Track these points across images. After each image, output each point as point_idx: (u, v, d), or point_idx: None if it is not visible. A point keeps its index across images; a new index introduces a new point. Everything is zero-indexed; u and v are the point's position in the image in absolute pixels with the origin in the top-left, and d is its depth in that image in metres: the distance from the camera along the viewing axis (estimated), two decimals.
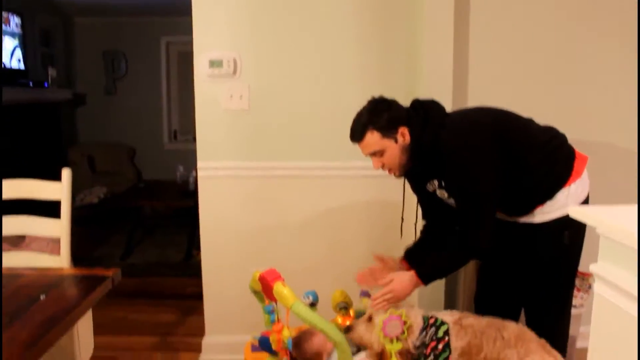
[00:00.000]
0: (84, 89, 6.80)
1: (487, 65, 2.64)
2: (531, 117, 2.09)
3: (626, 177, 2.63)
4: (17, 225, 2.21)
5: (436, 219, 2.23)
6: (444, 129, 1.95)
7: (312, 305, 2.10)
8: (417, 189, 2.22)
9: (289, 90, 2.68)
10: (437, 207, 2.16)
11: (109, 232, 5.51)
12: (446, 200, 2.08)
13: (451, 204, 2.07)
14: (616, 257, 1.14)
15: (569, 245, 2.04)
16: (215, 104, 2.67)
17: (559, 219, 1.98)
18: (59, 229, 2.16)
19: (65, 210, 2.16)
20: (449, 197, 2.05)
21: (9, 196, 2.16)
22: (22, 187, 2.20)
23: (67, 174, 2.17)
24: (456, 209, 2.01)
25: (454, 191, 1.99)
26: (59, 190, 2.16)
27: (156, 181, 5.93)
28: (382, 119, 1.94)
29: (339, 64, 2.67)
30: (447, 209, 2.10)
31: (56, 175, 2.19)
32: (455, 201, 2.01)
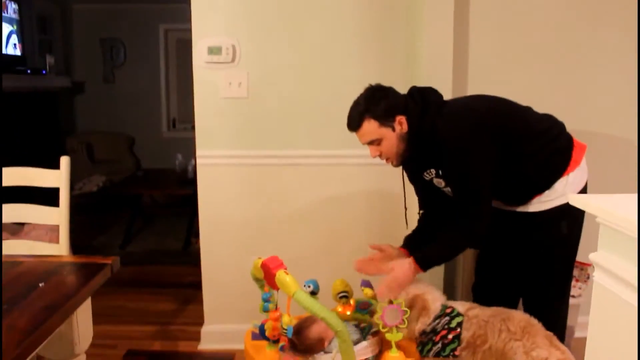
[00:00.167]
0: (82, 77, 6.78)
1: (487, 52, 2.62)
2: (530, 105, 2.08)
3: (624, 166, 2.63)
4: (16, 213, 2.20)
5: (433, 208, 2.23)
6: (442, 117, 1.94)
7: (313, 294, 2.10)
8: (413, 178, 2.21)
9: (288, 77, 2.67)
10: (434, 196, 2.16)
11: (108, 221, 5.51)
12: (443, 188, 2.07)
13: (448, 192, 2.07)
14: (616, 246, 1.14)
15: (566, 234, 2.05)
16: (214, 91, 2.66)
17: (556, 208, 1.98)
18: (58, 216, 2.16)
19: (64, 198, 2.15)
20: (446, 186, 2.04)
21: (8, 184, 2.15)
22: (21, 175, 2.19)
23: (65, 162, 2.16)
24: (453, 197, 2.01)
25: (451, 178, 1.99)
26: (57, 177, 2.15)
27: (155, 170, 5.92)
28: (379, 108, 1.93)
29: (338, 51, 2.65)
30: (444, 197, 2.10)
31: (55, 164, 2.18)
32: (452, 189, 2.01)
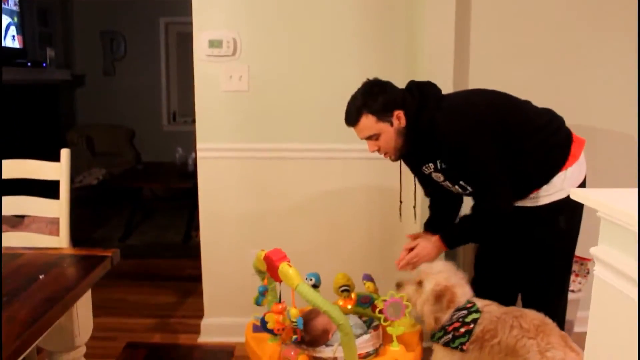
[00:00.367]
0: (83, 70, 6.76)
1: (488, 46, 2.61)
2: (530, 99, 2.08)
3: (623, 161, 2.63)
4: (17, 205, 2.20)
5: (438, 196, 2.24)
6: (441, 111, 1.93)
7: (315, 287, 2.11)
8: (414, 171, 2.22)
9: (289, 71, 2.66)
10: (436, 187, 2.16)
11: (108, 214, 5.51)
12: (441, 182, 2.07)
13: (447, 186, 2.07)
14: (616, 240, 1.14)
15: (565, 229, 2.05)
16: (214, 85, 2.66)
17: (555, 202, 1.98)
18: (58, 209, 2.16)
19: (64, 190, 2.15)
20: (445, 180, 2.04)
21: (8, 176, 2.15)
22: (21, 168, 2.19)
23: (65, 154, 2.16)
24: (471, 188, 2.01)
25: (458, 172, 1.98)
26: (57, 170, 2.16)
27: (155, 163, 5.92)
28: (377, 103, 1.92)
29: (339, 45, 2.65)
30: (446, 189, 2.10)
31: (55, 157, 2.18)
32: (465, 182, 2.00)
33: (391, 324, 1.94)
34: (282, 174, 2.75)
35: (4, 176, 2.14)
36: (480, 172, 1.93)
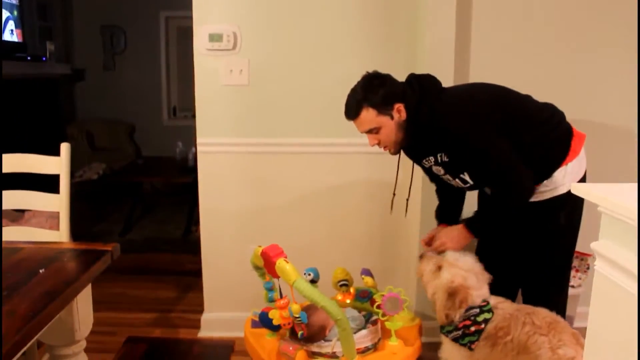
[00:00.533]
0: (83, 64, 6.74)
1: (489, 40, 2.60)
2: (531, 93, 2.07)
3: (623, 156, 2.62)
4: (17, 199, 2.20)
5: (442, 186, 2.24)
6: (442, 104, 1.93)
7: (313, 282, 2.11)
8: (415, 163, 2.21)
9: (289, 65, 2.66)
10: (437, 180, 2.16)
11: (108, 209, 5.52)
12: (442, 176, 2.07)
13: (447, 179, 2.07)
14: (617, 234, 1.14)
15: (565, 224, 2.04)
16: (214, 79, 2.65)
17: (555, 197, 1.98)
18: (58, 203, 2.16)
19: (64, 184, 2.15)
20: (445, 174, 2.04)
21: (8, 170, 2.15)
22: (21, 162, 2.19)
23: (65, 148, 2.16)
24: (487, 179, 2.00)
25: (466, 164, 1.97)
26: (58, 164, 2.15)
27: (155, 157, 5.91)
28: (377, 96, 1.92)
29: (339, 39, 2.64)
30: (447, 182, 2.10)
31: (55, 151, 2.18)
32: (476, 171, 1.98)
33: (389, 318, 1.94)
34: (283, 168, 2.75)
35: (4, 170, 2.13)
36: (490, 161, 1.90)
